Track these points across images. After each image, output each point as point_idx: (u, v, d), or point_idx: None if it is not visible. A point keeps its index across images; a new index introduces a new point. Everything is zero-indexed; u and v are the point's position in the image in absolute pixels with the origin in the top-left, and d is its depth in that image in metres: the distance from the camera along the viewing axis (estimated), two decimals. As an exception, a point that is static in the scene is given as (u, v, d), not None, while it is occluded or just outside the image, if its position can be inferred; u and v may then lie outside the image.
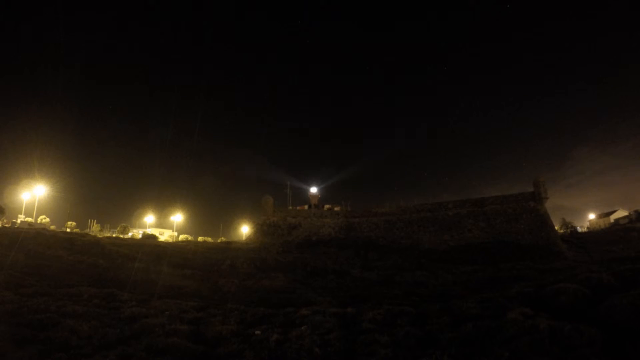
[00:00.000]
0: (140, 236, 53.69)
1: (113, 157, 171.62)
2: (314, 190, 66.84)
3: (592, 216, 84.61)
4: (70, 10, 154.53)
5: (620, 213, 73.32)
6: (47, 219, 55.77)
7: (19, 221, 48.10)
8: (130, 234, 58.61)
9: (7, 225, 44.89)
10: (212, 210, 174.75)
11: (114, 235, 55.50)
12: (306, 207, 62.26)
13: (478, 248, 42.43)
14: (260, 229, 54.35)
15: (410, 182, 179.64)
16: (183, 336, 8.06)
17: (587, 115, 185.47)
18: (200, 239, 64.37)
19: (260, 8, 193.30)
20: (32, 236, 27.69)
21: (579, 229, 75.76)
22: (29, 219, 50.21)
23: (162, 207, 76.74)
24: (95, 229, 60.29)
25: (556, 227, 53.14)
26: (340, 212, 57.74)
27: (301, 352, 6.91)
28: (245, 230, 75.65)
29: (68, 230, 50.45)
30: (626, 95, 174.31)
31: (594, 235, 56.53)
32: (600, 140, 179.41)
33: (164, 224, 76.75)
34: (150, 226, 72.54)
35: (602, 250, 41.95)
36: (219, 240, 63.78)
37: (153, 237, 48.23)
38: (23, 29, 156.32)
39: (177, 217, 74.36)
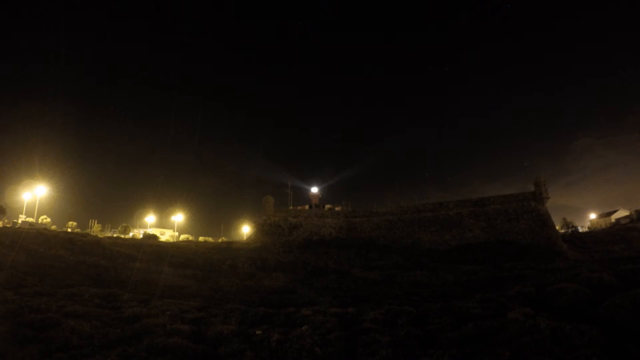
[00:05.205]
0: (141, 236, 53.69)
1: (114, 157, 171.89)
2: (314, 190, 66.87)
3: (593, 216, 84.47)
4: (71, 9, 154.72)
5: (621, 213, 73.14)
6: (48, 219, 55.83)
7: (20, 221, 48.15)
8: (131, 234, 58.61)
9: (8, 226, 44.94)
10: (213, 211, 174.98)
11: (114, 235, 55.54)
12: (307, 207, 62.26)
13: (479, 248, 42.38)
14: (261, 229, 54.36)
15: (411, 182, 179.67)
16: (184, 336, 8.06)
17: (589, 108, 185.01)
18: (201, 239, 64.37)
19: (261, 8, 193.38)
20: (33, 236, 27.73)
21: (580, 229, 75.64)
22: (30, 219, 50.24)
23: (163, 207, 76.80)
24: (96, 229, 60.36)
25: (557, 227, 53.06)
26: (341, 212, 57.72)
27: (302, 352, 6.90)
28: (246, 230, 75.67)
29: (69, 230, 50.50)
30: (629, 90, 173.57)
31: (594, 235, 56.40)
32: (603, 132, 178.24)
33: (164, 224, 76.86)
34: (151, 226, 72.59)
35: (603, 250, 41.91)
36: (219, 240, 63.78)
37: (154, 237, 48.21)
38: (23, 28, 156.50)
39: (178, 217, 74.39)
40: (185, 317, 10.23)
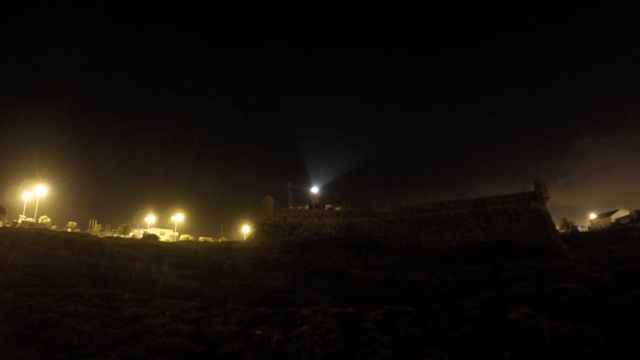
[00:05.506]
0: (141, 236, 53.68)
1: (114, 157, 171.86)
2: (314, 190, 66.89)
3: (593, 216, 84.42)
4: (71, 9, 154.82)
5: (621, 213, 73.11)
6: (48, 219, 55.82)
7: (20, 221, 48.15)
8: (131, 234, 58.62)
9: (8, 226, 44.96)
10: (213, 211, 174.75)
11: (114, 235, 55.55)
12: (307, 207, 62.25)
13: (479, 248, 42.39)
14: (261, 229, 54.37)
15: (411, 182, 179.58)
16: (184, 336, 8.07)
17: (591, 105, 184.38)
18: (201, 239, 64.39)
19: (261, 8, 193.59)
20: (33, 236, 27.74)
21: (580, 229, 75.58)
22: (30, 219, 50.23)
23: (163, 207, 76.85)
24: (96, 229, 60.34)
25: (557, 227, 53.04)
26: (341, 212, 57.71)
27: (302, 352, 6.90)
28: (246, 230, 75.68)
29: (69, 230, 50.50)
30: (629, 90, 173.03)
31: (594, 235, 56.38)
32: (604, 130, 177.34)
33: (164, 224, 76.86)
34: (151, 226, 72.59)
35: (603, 250, 41.93)
36: (219, 240, 63.79)
37: (154, 237, 48.21)
38: (24, 28, 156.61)
39: (178, 217, 74.41)
40: (185, 317, 10.23)
